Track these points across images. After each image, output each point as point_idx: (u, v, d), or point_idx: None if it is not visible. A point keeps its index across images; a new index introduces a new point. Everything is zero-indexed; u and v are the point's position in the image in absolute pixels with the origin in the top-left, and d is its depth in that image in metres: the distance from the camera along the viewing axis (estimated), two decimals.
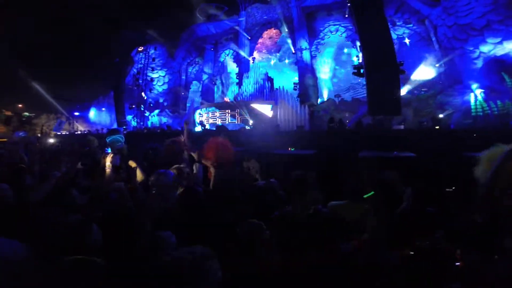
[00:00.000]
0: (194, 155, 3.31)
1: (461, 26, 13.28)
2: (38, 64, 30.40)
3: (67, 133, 22.59)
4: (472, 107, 12.52)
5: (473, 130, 8.41)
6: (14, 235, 1.31)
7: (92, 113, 27.95)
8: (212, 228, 1.96)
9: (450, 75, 14.61)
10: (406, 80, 15.22)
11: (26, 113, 32.00)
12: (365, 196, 1.98)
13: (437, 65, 15.36)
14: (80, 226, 1.61)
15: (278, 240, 1.70)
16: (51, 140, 13.74)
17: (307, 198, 2.14)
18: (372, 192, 1.97)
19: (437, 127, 8.30)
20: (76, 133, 21.82)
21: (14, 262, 1.16)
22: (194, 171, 3.27)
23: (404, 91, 14.62)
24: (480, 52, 12.89)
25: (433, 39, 15.65)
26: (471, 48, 13.08)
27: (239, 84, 19.76)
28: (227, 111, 16.88)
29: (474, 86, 12.96)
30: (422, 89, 15.76)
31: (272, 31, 21.17)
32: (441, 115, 12.09)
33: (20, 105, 32.42)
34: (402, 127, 8.77)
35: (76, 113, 28.46)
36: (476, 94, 12.81)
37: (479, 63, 13.02)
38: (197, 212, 2.20)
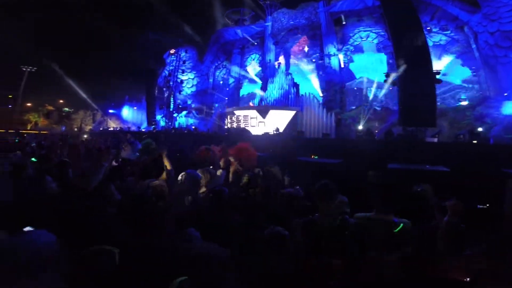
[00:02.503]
0: (221, 162, 3.45)
1: (504, 32, 12.51)
2: (78, 62, 32.94)
3: (101, 129, 24.07)
4: None
5: None
6: (53, 226, 1.43)
7: (126, 111, 29.49)
8: (234, 228, 2.01)
9: (491, 85, 13.64)
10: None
11: (66, 108, 34.67)
12: (395, 230, 1.90)
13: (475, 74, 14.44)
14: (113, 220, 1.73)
15: (303, 247, 1.70)
16: (85, 136, 14.75)
17: (333, 207, 2.12)
18: (402, 225, 1.89)
19: (475, 141, 7.74)
20: (109, 129, 23.17)
21: (46, 253, 1.25)
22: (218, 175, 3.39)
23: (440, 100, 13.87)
24: None
25: (473, 46, 14.76)
26: None
27: (264, 89, 19.86)
28: (250, 115, 17.00)
29: None
30: (460, 99, 14.85)
31: (302, 39, 21.08)
32: (480, 129, 11.28)
33: (61, 101, 35.22)
34: (436, 140, 8.28)
35: (111, 111, 30.21)
36: None
37: None
38: (222, 211, 2.27)
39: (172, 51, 25.70)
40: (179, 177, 2.82)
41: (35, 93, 31.98)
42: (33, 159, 4.27)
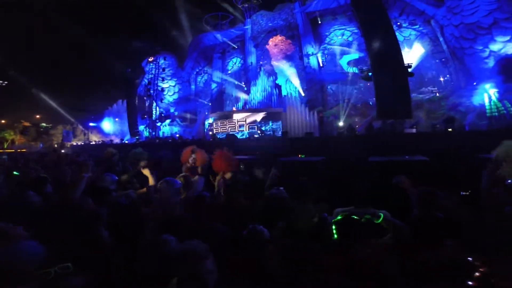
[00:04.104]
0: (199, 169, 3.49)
1: (468, 25, 13.07)
2: (54, 76, 31.86)
3: (82, 143, 23.29)
4: (487, 107, 12.18)
5: (489, 131, 8.18)
6: (38, 236, 1.42)
7: (107, 124, 28.71)
8: (216, 231, 2.02)
9: (461, 75, 14.33)
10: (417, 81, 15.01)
11: (44, 124, 33.33)
12: (377, 221, 1.94)
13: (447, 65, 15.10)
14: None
15: (283, 248, 1.72)
16: (63, 151, 14.28)
17: (310, 205, 2.15)
18: (382, 216, 1.94)
19: (450, 130, 8.10)
20: (90, 143, 22.46)
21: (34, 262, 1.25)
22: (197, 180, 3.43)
23: (415, 93, 14.41)
24: (491, 51, 12.61)
25: (441, 39, 15.45)
26: (481, 47, 12.82)
27: (247, 92, 19.93)
28: (235, 120, 17.01)
29: (487, 86, 12.64)
30: (433, 90, 15.49)
31: (277, 39, 21.31)
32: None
33: (38, 116, 33.84)
34: (414, 130, 8.60)
35: (92, 124, 29.33)
36: (490, 94, 12.47)
37: (491, 62, 12.72)
38: (204, 216, 2.28)
39: (150, 59, 25.28)
40: (158, 185, 2.83)
41: (9, 109, 30.60)
42: (15, 172, 4.18)
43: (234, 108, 20.46)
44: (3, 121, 31.84)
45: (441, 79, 15.88)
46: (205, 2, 24.63)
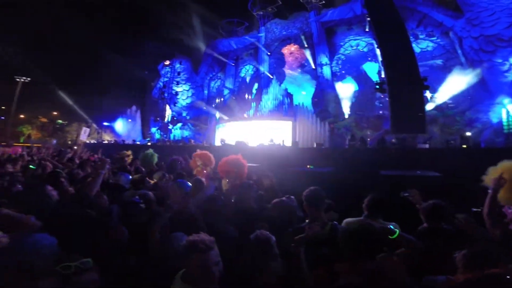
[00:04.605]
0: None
1: (487, 37, 12.79)
2: (73, 75, 33.10)
3: (95, 141, 23.88)
4: (504, 123, 11.83)
5: (506, 148, 7.94)
6: (53, 230, 1.48)
7: (119, 124, 29.42)
8: (224, 232, 2.06)
9: (479, 89, 13.97)
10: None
11: (60, 121, 34.46)
12: (392, 236, 1.93)
13: (464, 79, 14.74)
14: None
15: (292, 255, 1.74)
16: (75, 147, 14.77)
17: (321, 214, 2.17)
18: (398, 232, 1.93)
19: (465, 146, 7.91)
20: (103, 142, 23.03)
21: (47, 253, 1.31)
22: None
23: (430, 107, 14.16)
24: (510, 65, 12.29)
25: (459, 51, 15.16)
26: (500, 60, 12.51)
27: (258, 99, 20.07)
28: (245, 126, 17.09)
29: (506, 100, 12.29)
30: (449, 105, 15.15)
31: (292, 47, 21.46)
32: (468, 133, 11.52)
33: (55, 113, 35.04)
34: (427, 146, 8.43)
35: (105, 123, 30.12)
36: (508, 110, 12.12)
37: (510, 76, 12.38)
38: (215, 217, 2.33)
39: (166, 63, 25.91)
40: (169, 186, 2.91)
41: (29, 105, 31.80)
42: (31, 166, 4.33)
43: (245, 115, 20.62)
44: (22, 116, 33.08)
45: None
46: (220, 8, 25.18)
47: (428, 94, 14.28)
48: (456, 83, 14.72)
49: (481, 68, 13.34)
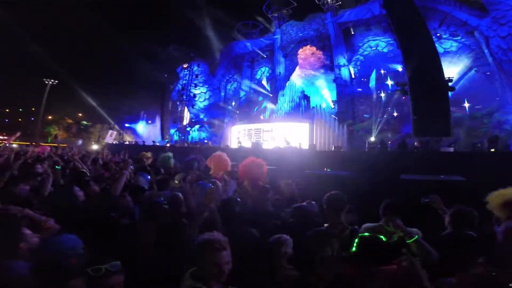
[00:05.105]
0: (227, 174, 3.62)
1: None
2: (98, 78, 34.75)
3: (117, 142, 24.82)
4: None
5: None
6: (79, 231, 1.56)
7: (141, 127, 30.40)
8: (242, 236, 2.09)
9: (508, 90, 13.21)
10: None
11: (84, 122, 36.20)
12: (408, 241, 1.90)
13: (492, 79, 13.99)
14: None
15: (311, 258, 1.74)
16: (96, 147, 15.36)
17: (341, 218, 2.15)
18: (416, 237, 1.89)
19: (493, 150, 7.50)
20: (125, 143, 23.89)
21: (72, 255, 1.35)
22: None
23: (454, 108, 13.55)
24: None
25: (486, 51, 14.40)
26: None
27: (274, 102, 20.04)
28: (262, 128, 17.12)
29: None
30: (476, 106, 14.42)
31: (308, 49, 21.20)
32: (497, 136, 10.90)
33: (80, 114, 36.85)
34: (451, 149, 8.07)
35: (127, 125, 31.22)
36: None
37: None
38: (234, 218, 2.38)
39: (185, 65, 26.51)
40: (193, 188, 2.98)
41: (56, 106, 33.55)
42: (57, 166, 4.53)
43: (261, 117, 20.65)
44: (49, 117, 35.00)
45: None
46: (236, 10, 25.42)
47: None
48: (484, 83, 14.03)
49: (510, 68, 12.63)
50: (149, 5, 35.78)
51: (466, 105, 14.39)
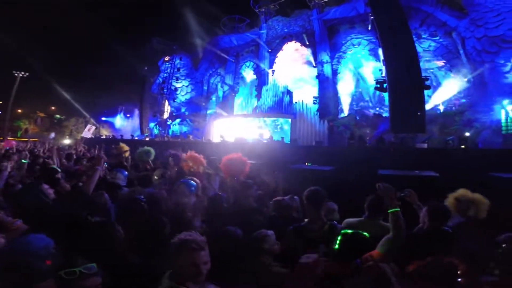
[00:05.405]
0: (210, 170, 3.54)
1: (491, 38, 12.75)
2: (72, 71, 32.92)
3: (93, 136, 23.78)
4: (503, 124, 11.87)
5: (503, 150, 7.98)
6: (49, 231, 1.47)
7: (119, 120, 29.29)
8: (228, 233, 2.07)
9: (479, 90, 13.97)
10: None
11: (58, 116, 34.36)
12: (389, 211, 1.99)
13: (465, 79, 14.73)
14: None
15: (292, 254, 1.75)
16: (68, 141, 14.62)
17: (321, 214, 2.17)
18: (397, 208, 1.97)
19: (463, 146, 7.94)
20: (101, 137, 22.92)
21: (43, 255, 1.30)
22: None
23: (429, 106, 14.17)
24: None
25: (461, 52, 15.07)
26: (502, 61, 12.50)
27: (258, 96, 19.99)
28: (244, 123, 17.05)
29: (505, 102, 12.32)
30: (449, 105, 15.17)
31: (292, 44, 21.28)
32: (467, 133, 11.55)
33: (53, 108, 34.90)
34: (425, 145, 8.45)
35: (103, 118, 29.97)
36: (507, 111, 12.15)
37: (511, 77, 12.40)
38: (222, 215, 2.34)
39: (166, 58, 25.75)
40: (175, 186, 2.90)
41: (26, 100, 31.58)
42: (23, 160, 4.21)
43: (244, 112, 20.55)
44: (19, 111, 32.89)
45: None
46: (222, 5, 24.95)
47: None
48: (457, 83, 14.76)
49: (482, 69, 13.33)
50: None
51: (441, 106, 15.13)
